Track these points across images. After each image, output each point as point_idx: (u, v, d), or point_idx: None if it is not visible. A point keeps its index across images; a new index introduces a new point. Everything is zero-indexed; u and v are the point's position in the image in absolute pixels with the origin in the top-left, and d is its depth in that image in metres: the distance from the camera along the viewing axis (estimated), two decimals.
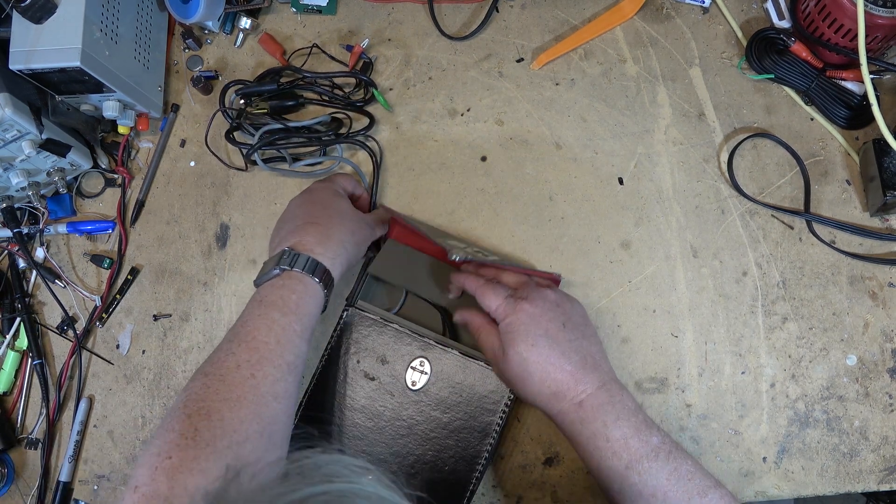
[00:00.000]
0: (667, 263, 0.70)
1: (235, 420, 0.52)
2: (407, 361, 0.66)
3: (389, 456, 0.64)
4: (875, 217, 0.69)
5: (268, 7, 0.79)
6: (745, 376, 0.68)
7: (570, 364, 0.58)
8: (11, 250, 0.76)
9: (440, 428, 0.64)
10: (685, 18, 0.75)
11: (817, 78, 0.70)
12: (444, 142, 0.75)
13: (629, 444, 0.56)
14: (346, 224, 0.64)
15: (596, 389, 0.57)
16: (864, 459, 0.66)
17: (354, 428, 0.65)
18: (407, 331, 0.66)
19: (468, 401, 0.64)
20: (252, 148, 0.71)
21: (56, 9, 0.63)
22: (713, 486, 0.55)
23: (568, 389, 0.57)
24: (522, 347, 0.58)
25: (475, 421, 0.64)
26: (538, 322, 0.59)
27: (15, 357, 0.74)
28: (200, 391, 0.53)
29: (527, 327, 0.59)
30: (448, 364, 0.65)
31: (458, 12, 0.77)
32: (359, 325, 0.67)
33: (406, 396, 0.65)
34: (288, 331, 0.57)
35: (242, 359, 0.55)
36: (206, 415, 0.51)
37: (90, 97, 0.70)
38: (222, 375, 0.54)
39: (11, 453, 0.74)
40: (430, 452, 0.64)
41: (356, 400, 0.66)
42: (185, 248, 0.76)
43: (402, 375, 0.65)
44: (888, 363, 0.67)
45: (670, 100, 0.73)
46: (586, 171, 0.73)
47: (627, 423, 0.56)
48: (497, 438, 0.64)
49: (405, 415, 0.65)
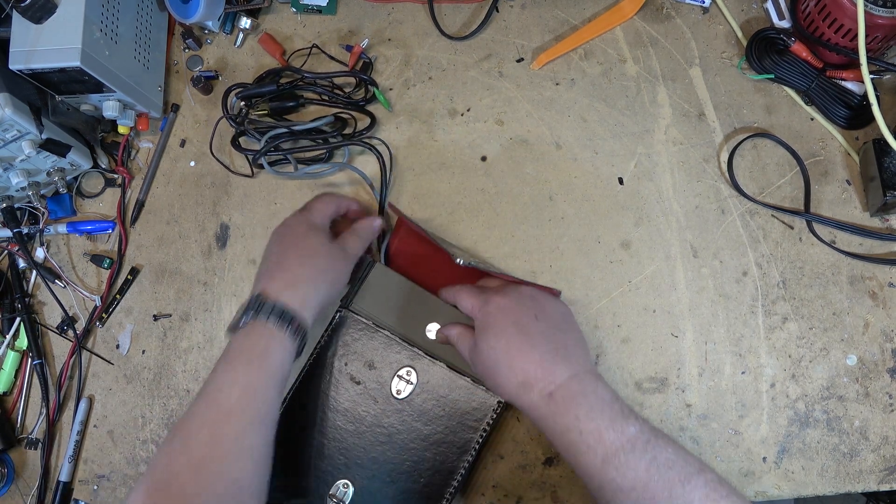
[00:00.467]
0: (667, 263, 0.70)
1: (197, 485, 0.52)
2: (394, 369, 0.66)
3: (367, 461, 0.64)
4: (875, 217, 0.69)
5: (268, 7, 0.79)
6: (745, 376, 0.68)
7: (539, 353, 0.57)
8: (11, 250, 0.76)
9: (420, 439, 0.64)
10: (685, 18, 0.75)
11: (817, 78, 0.70)
12: (444, 142, 0.75)
13: (603, 438, 0.53)
14: (319, 263, 0.62)
15: (567, 380, 0.56)
16: (865, 459, 0.66)
17: (335, 430, 0.65)
18: (397, 338, 0.66)
19: (451, 415, 0.64)
20: (258, 152, 0.71)
21: (56, 9, 0.63)
22: (696, 471, 0.52)
23: (536, 379, 0.56)
24: (492, 337, 0.58)
25: (455, 436, 0.64)
26: (508, 312, 0.58)
27: (15, 357, 0.74)
28: (163, 459, 0.54)
29: (496, 318, 0.58)
30: (435, 376, 0.65)
31: (458, 12, 0.77)
32: (350, 327, 0.67)
33: (389, 404, 0.65)
34: (254, 383, 0.56)
35: (207, 418, 0.55)
36: (166, 487, 0.52)
37: (90, 97, 0.70)
38: (185, 438, 0.54)
39: (11, 453, 0.74)
40: (407, 462, 0.64)
41: (339, 402, 0.66)
42: (185, 248, 0.76)
43: (387, 383, 0.65)
44: (888, 363, 0.67)
45: (670, 100, 0.73)
46: (586, 171, 0.73)
47: (601, 415, 0.54)
48: (475, 456, 0.64)
49: (386, 422, 0.65)
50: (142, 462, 0.72)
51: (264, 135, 0.71)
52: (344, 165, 0.73)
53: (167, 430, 0.72)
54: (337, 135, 0.73)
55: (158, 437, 0.72)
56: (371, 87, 0.74)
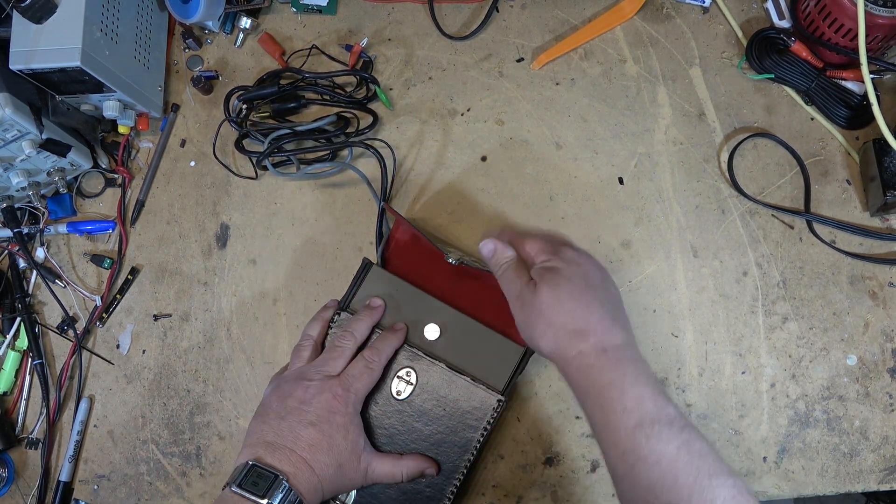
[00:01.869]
0: (667, 263, 0.70)
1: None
2: (394, 370, 0.65)
3: None
4: (875, 217, 0.69)
5: (268, 7, 0.79)
6: (745, 376, 0.68)
7: (604, 310, 0.56)
8: (11, 250, 0.76)
9: (421, 440, 0.64)
10: (685, 18, 0.75)
11: (817, 78, 0.70)
12: (444, 142, 0.75)
13: (644, 404, 0.51)
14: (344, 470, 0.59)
15: (623, 343, 0.55)
16: (865, 459, 0.66)
17: None
18: None
19: (451, 415, 0.64)
20: (263, 154, 0.71)
21: (56, 9, 0.63)
22: (727, 472, 0.50)
23: (595, 331, 0.55)
24: (561, 280, 0.56)
25: (456, 436, 0.64)
26: (579, 266, 0.58)
27: (15, 357, 0.74)
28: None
29: (568, 267, 0.57)
30: (434, 377, 0.65)
31: (458, 12, 0.77)
32: None
33: (389, 405, 0.65)
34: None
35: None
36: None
37: (90, 97, 0.70)
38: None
39: (11, 453, 0.74)
40: None
41: None
42: (185, 248, 0.76)
43: (387, 384, 0.65)
44: (888, 363, 0.67)
45: (670, 100, 0.73)
46: (586, 171, 0.73)
47: (647, 385, 0.52)
48: (476, 455, 0.64)
49: (387, 423, 0.64)
50: (142, 462, 0.72)
51: (267, 136, 0.71)
52: (345, 165, 0.73)
53: (167, 429, 0.72)
54: (340, 133, 0.73)
55: (158, 437, 0.73)
56: (372, 85, 0.73)
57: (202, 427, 0.72)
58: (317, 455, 0.57)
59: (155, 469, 0.72)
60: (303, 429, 0.58)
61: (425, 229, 0.72)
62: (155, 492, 0.72)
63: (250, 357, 0.73)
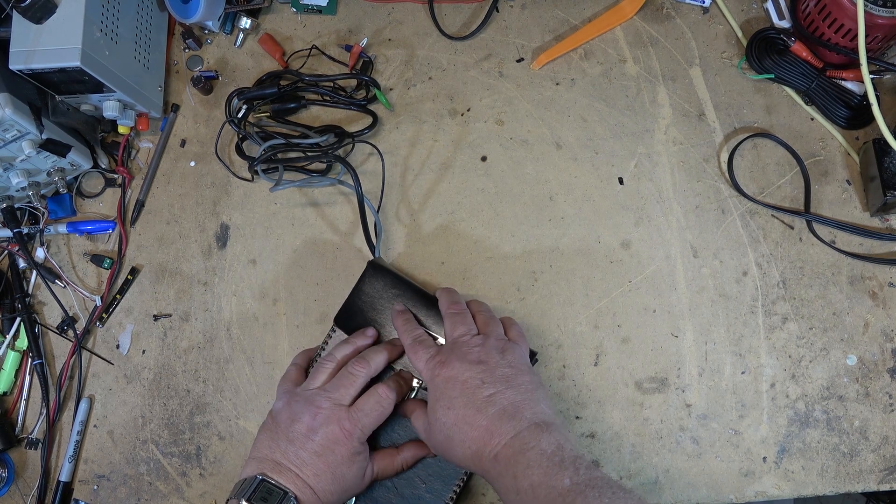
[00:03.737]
0: (667, 263, 0.70)
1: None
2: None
3: None
4: (875, 217, 0.69)
5: (268, 7, 0.79)
6: (745, 376, 0.68)
7: (486, 418, 0.55)
8: (11, 250, 0.76)
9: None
10: (685, 18, 0.75)
11: (817, 78, 0.70)
12: (444, 142, 0.75)
13: (537, 495, 0.51)
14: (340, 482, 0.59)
15: (510, 440, 0.54)
16: (865, 459, 0.66)
17: None
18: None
19: None
20: (256, 160, 0.71)
21: (56, 9, 0.63)
22: None
23: (484, 445, 0.55)
24: (441, 411, 0.57)
25: (446, 462, 0.63)
26: (454, 384, 0.57)
27: (15, 357, 0.74)
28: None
29: (443, 391, 0.58)
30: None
31: (458, 12, 0.77)
32: None
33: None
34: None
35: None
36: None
37: (90, 97, 0.70)
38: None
39: (11, 453, 0.74)
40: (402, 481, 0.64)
41: None
42: (185, 248, 0.76)
43: None
44: (888, 363, 0.67)
45: (670, 100, 0.73)
46: (586, 171, 0.73)
47: (538, 470, 0.52)
48: (466, 480, 0.63)
49: (387, 426, 0.64)
50: (142, 462, 0.72)
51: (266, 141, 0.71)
52: (335, 182, 0.73)
53: (167, 430, 0.72)
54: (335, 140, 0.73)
55: (158, 437, 0.73)
56: (372, 87, 0.74)
57: (202, 427, 0.72)
58: (321, 483, 0.58)
59: (155, 469, 0.72)
60: (308, 457, 0.58)
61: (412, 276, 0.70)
62: (155, 492, 0.72)
63: (250, 357, 0.73)
